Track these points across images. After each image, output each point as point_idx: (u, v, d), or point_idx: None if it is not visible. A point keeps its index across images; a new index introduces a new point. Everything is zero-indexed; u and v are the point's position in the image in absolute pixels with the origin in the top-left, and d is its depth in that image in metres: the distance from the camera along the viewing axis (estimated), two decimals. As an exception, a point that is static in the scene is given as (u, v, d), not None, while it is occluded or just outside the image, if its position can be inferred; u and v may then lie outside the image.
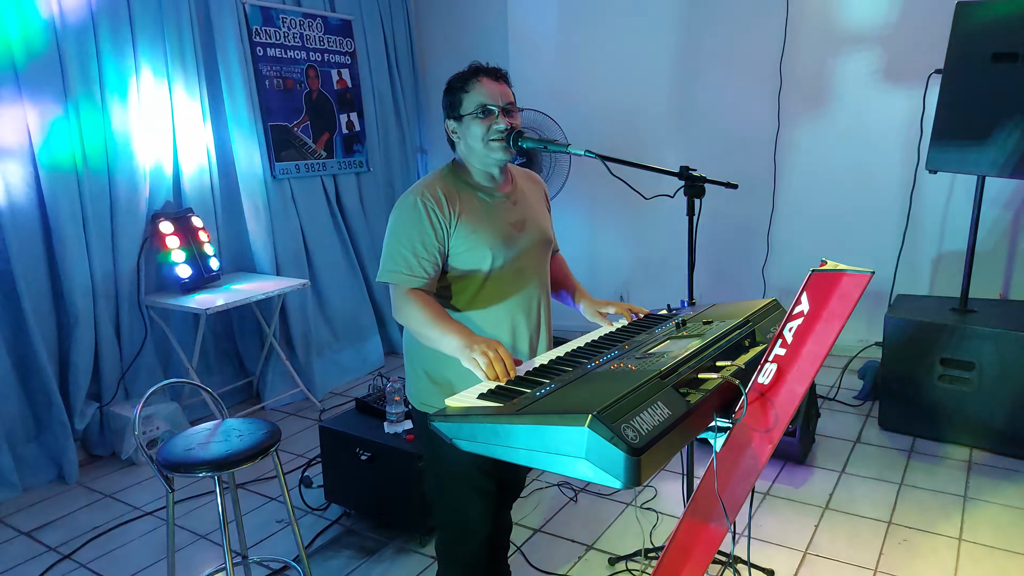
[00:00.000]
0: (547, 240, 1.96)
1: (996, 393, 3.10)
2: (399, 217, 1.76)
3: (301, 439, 3.70)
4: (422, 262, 1.72)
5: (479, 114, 1.74)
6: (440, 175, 1.83)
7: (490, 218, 1.80)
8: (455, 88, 1.78)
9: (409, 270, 1.71)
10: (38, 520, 3.00)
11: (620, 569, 2.49)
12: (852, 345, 4.32)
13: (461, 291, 1.80)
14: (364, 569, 2.57)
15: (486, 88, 1.75)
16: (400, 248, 1.72)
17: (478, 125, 1.75)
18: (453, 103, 1.78)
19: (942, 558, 2.47)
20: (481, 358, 1.52)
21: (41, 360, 3.20)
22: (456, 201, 1.76)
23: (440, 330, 1.64)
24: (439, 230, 1.73)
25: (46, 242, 3.26)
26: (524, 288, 1.85)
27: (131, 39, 3.44)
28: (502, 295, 1.81)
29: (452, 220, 1.74)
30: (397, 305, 1.73)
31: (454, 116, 1.79)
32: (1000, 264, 3.96)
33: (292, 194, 4.29)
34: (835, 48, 4.14)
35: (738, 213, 4.49)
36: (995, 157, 3.06)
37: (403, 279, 1.71)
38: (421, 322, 1.68)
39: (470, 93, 1.75)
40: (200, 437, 2.10)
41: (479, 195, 1.82)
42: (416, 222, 1.72)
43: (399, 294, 1.72)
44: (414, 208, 1.73)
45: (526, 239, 1.86)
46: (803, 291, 1.34)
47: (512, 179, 1.91)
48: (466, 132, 1.78)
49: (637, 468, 1.12)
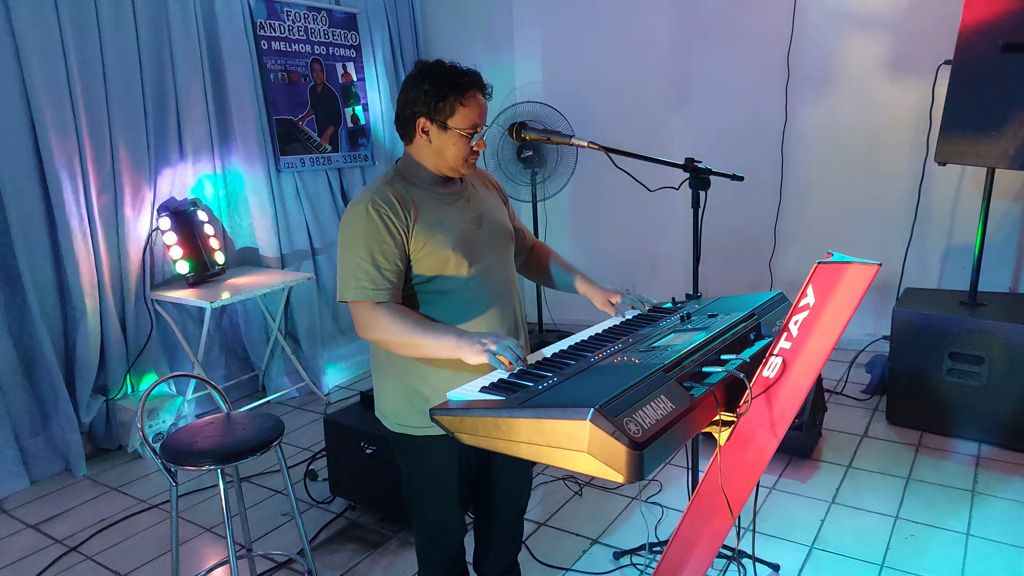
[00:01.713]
0: (508, 234, 1.87)
1: (1005, 387, 3.07)
2: (351, 229, 1.63)
3: (306, 433, 3.71)
4: (384, 273, 1.61)
5: (469, 134, 1.66)
6: (387, 180, 1.71)
7: (447, 217, 1.71)
8: (446, 92, 1.63)
9: (372, 283, 1.60)
10: (45, 513, 3.02)
11: (625, 563, 2.49)
12: (860, 339, 4.29)
13: (430, 305, 1.71)
14: (369, 562, 2.57)
15: (479, 106, 1.66)
16: (358, 261, 1.60)
17: (464, 145, 1.66)
18: (440, 108, 1.64)
19: (950, 553, 2.45)
20: (493, 347, 1.48)
21: (47, 354, 3.22)
22: (410, 203, 1.66)
23: (428, 334, 1.57)
24: (397, 236, 1.62)
25: (51, 236, 3.27)
26: (494, 289, 1.77)
27: (135, 32, 3.44)
28: (474, 301, 1.73)
29: (408, 223, 1.64)
30: (364, 323, 1.61)
31: (436, 120, 1.65)
32: (1010, 257, 3.92)
33: (297, 188, 4.29)
34: (843, 39, 4.10)
35: (745, 206, 4.47)
36: (1005, 149, 3.02)
37: (368, 294, 1.60)
38: (401, 332, 1.58)
39: (467, 107, 1.64)
40: (204, 430, 2.11)
41: (432, 196, 1.72)
42: (371, 231, 1.61)
43: (364, 311, 1.61)
44: (367, 216, 1.61)
45: (487, 234, 1.77)
46: (809, 283, 1.33)
47: (460, 178, 1.81)
48: (444, 143, 1.66)
49: (639, 462, 1.11)
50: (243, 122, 3.94)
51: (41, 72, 3.11)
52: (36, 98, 3.11)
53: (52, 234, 3.27)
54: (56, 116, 3.17)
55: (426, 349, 1.58)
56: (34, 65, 3.08)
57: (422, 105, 1.66)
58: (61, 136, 3.19)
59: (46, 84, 3.12)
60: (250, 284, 3.65)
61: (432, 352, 1.58)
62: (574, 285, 2.00)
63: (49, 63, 3.13)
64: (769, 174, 4.41)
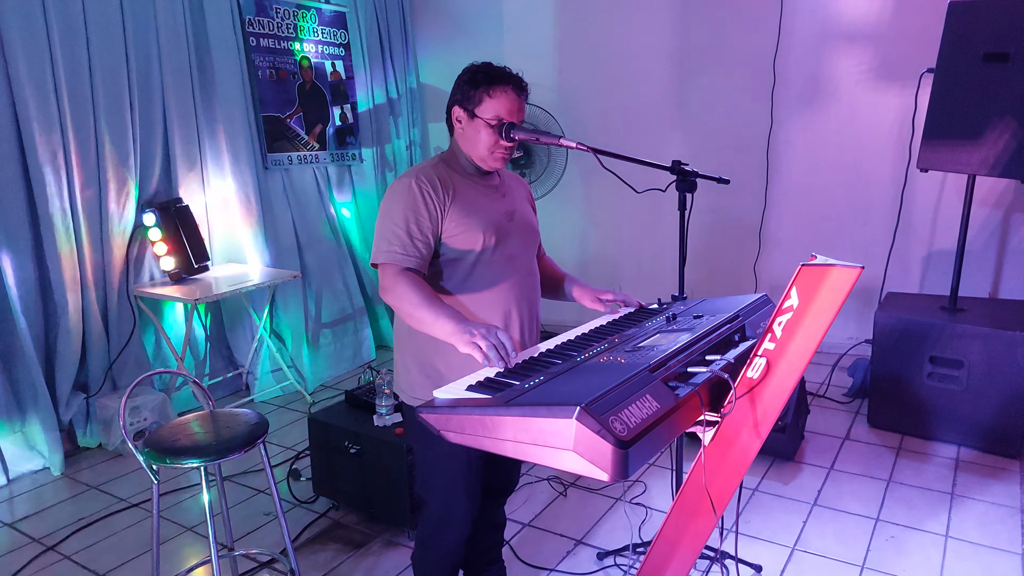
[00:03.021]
0: (535, 233, 1.98)
1: (984, 392, 3.11)
2: (393, 199, 1.75)
3: (290, 432, 3.69)
4: (416, 242, 1.71)
5: (493, 124, 1.74)
6: (433, 163, 1.83)
7: (483, 204, 1.82)
8: (479, 82, 1.73)
9: (403, 249, 1.70)
10: (22, 511, 2.97)
11: (609, 563, 2.49)
12: (842, 343, 4.34)
13: (452, 274, 1.79)
14: (352, 562, 2.56)
15: (509, 100, 1.74)
16: (394, 228, 1.71)
17: (489, 134, 1.75)
18: (471, 97, 1.75)
19: (929, 555, 2.48)
20: (481, 342, 1.50)
21: (27, 350, 3.17)
22: (450, 186, 1.77)
23: (433, 313, 1.62)
24: (433, 212, 1.73)
25: (34, 230, 3.23)
26: (516, 276, 1.85)
27: (122, 26, 3.41)
28: (494, 280, 1.81)
29: (447, 203, 1.75)
30: (387, 285, 1.69)
31: (466, 108, 1.76)
32: (990, 263, 3.98)
33: (284, 185, 4.27)
34: (829, 46, 4.15)
35: (731, 209, 4.50)
36: (985, 156, 3.07)
37: (397, 258, 1.69)
38: (413, 303, 1.65)
39: (494, 99, 1.73)
40: (187, 428, 2.09)
41: (471, 184, 1.83)
42: (411, 203, 1.72)
43: (390, 274, 1.69)
44: (409, 190, 1.73)
45: (516, 229, 1.87)
46: (792, 285, 1.34)
47: (500, 175, 1.93)
48: (473, 132, 1.77)
49: (625, 460, 1.11)
50: (230, 118, 3.91)
51: (26, 65, 3.07)
52: (20, 91, 3.07)
53: (34, 228, 3.23)
54: (40, 109, 3.13)
55: (428, 326, 1.64)
56: (19, 58, 3.04)
57: (458, 94, 1.78)
58: (45, 130, 3.16)
59: (31, 77, 3.09)
60: (235, 281, 3.63)
61: (431, 330, 1.63)
62: (570, 291, 2.04)
63: (34, 56, 3.09)
64: (754, 178, 4.45)
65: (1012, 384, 3.03)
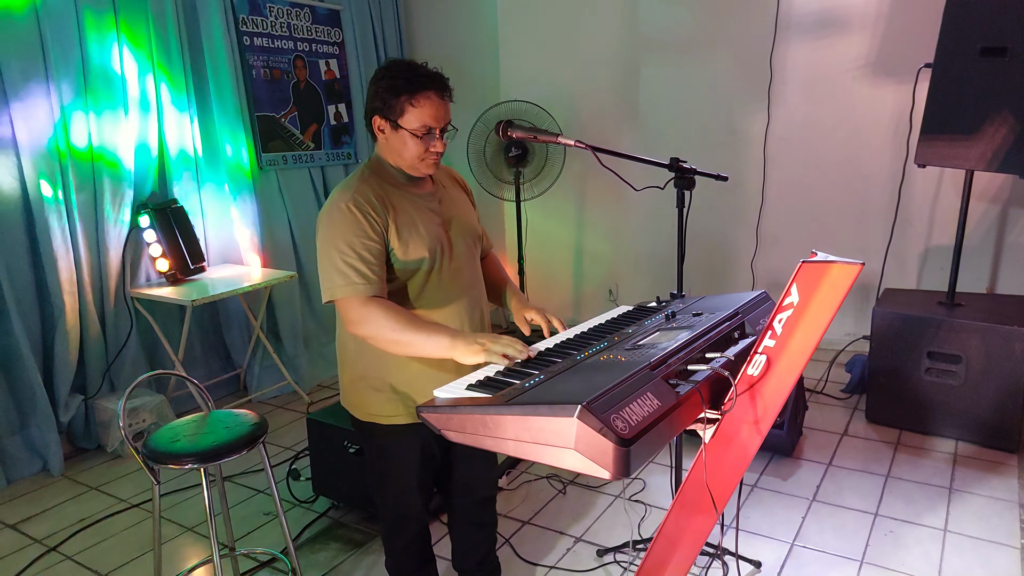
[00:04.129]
0: (476, 236, 1.90)
1: (982, 386, 3.12)
2: (333, 227, 1.61)
3: (289, 432, 3.69)
4: (371, 267, 1.60)
5: (420, 135, 1.63)
6: (362, 178, 1.70)
7: (422, 218, 1.72)
8: (399, 89, 1.60)
9: (363, 278, 1.58)
10: (23, 513, 2.97)
11: (608, 561, 2.50)
12: (840, 339, 4.34)
13: (399, 297, 1.71)
14: (352, 561, 2.56)
15: (433, 106, 1.62)
16: (345, 258, 1.59)
17: (416, 144, 1.64)
18: (391, 106, 1.62)
19: (927, 549, 2.49)
20: (495, 346, 1.50)
21: (25, 352, 3.16)
22: (388, 204, 1.67)
23: (423, 333, 1.56)
24: (379, 233, 1.63)
25: (29, 232, 3.22)
26: (462, 289, 1.80)
27: (115, 26, 3.40)
28: (443, 298, 1.76)
29: (387, 221, 1.65)
30: (356, 318, 1.58)
31: (388, 119, 1.64)
32: (987, 258, 3.99)
33: (279, 185, 4.26)
34: (825, 42, 4.15)
35: (728, 206, 4.50)
36: (983, 152, 3.07)
37: (359, 289, 1.58)
38: (394, 329, 1.56)
39: (416, 108, 1.61)
40: (186, 429, 2.08)
41: (406, 197, 1.72)
42: (354, 227, 1.60)
43: (355, 306, 1.58)
44: (349, 214, 1.60)
45: (456, 237, 1.80)
46: (793, 282, 1.34)
47: (432, 178, 1.82)
48: (400, 143, 1.66)
49: (626, 459, 1.11)
50: (224, 118, 3.90)
51: (19, 65, 3.05)
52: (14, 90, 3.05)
53: (30, 231, 3.22)
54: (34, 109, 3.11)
55: (418, 347, 1.58)
56: (12, 60, 3.03)
57: (378, 101, 1.65)
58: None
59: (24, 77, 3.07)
60: (232, 282, 3.62)
61: (424, 351, 1.58)
62: (509, 302, 1.99)
63: (27, 55, 3.08)
64: (752, 175, 4.45)
65: (1010, 379, 3.04)
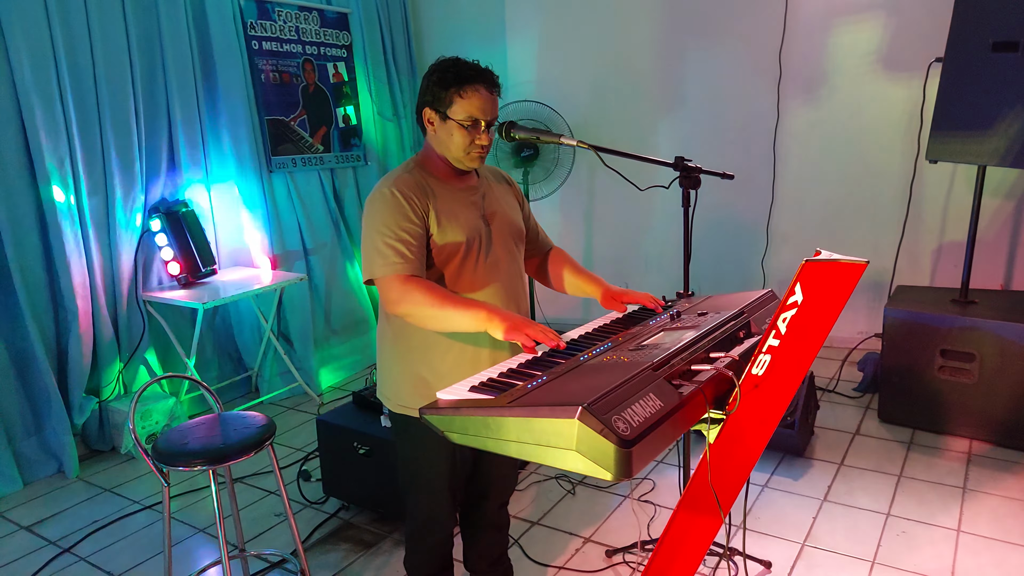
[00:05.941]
0: (520, 234, 1.92)
1: (996, 384, 3.08)
2: (376, 211, 1.69)
3: (299, 433, 3.71)
4: (411, 248, 1.66)
5: (466, 125, 1.70)
6: (407, 169, 1.77)
7: (462, 209, 1.77)
8: (448, 82, 1.69)
9: (402, 258, 1.65)
10: (38, 515, 3.01)
11: (617, 561, 2.49)
12: (851, 337, 4.31)
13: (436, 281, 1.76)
14: (362, 562, 2.57)
15: (481, 99, 1.69)
16: (385, 239, 1.66)
17: (463, 136, 1.71)
18: (441, 98, 1.71)
19: (940, 550, 2.46)
20: (529, 329, 1.52)
21: (39, 355, 3.20)
22: (428, 191, 1.73)
23: (461, 306, 1.61)
24: (420, 217, 1.69)
25: (42, 237, 3.26)
26: (499, 282, 1.82)
27: (125, 32, 3.43)
28: (478, 288, 1.78)
29: (428, 208, 1.71)
30: (396, 297, 1.64)
31: (438, 110, 1.72)
32: (1001, 255, 3.94)
33: (289, 188, 4.28)
34: (835, 37, 4.11)
35: (738, 204, 4.47)
36: (996, 147, 3.04)
37: (399, 268, 1.64)
38: (432, 304, 1.61)
39: (465, 99, 1.68)
40: (196, 431, 2.10)
41: (448, 188, 1.78)
42: (396, 210, 1.67)
43: (395, 285, 1.64)
44: (392, 198, 1.68)
45: (497, 232, 1.83)
46: (796, 281, 1.33)
47: (479, 172, 1.88)
48: (446, 134, 1.72)
49: (628, 460, 1.11)
50: (234, 122, 3.93)
51: (31, 72, 3.09)
52: (26, 98, 3.10)
53: (43, 235, 3.26)
54: (47, 117, 3.16)
55: (455, 321, 1.62)
56: (24, 65, 3.07)
57: (428, 95, 1.73)
58: (52, 137, 3.18)
59: (36, 84, 3.11)
60: (242, 285, 3.65)
61: (461, 324, 1.61)
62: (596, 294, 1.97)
63: (39, 63, 3.12)
64: (761, 172, 4.43)
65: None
